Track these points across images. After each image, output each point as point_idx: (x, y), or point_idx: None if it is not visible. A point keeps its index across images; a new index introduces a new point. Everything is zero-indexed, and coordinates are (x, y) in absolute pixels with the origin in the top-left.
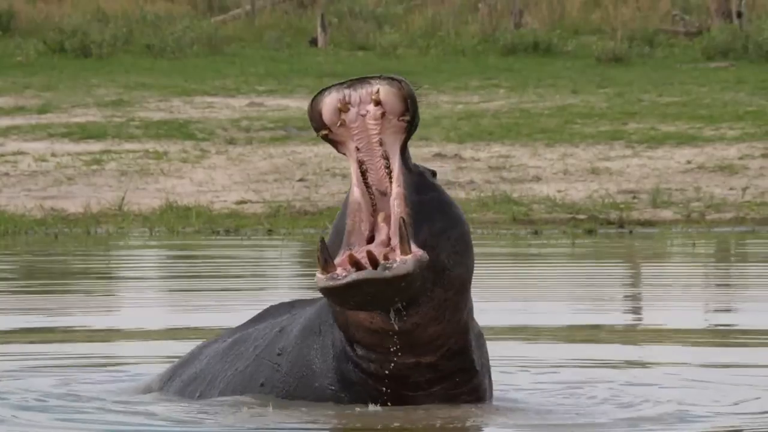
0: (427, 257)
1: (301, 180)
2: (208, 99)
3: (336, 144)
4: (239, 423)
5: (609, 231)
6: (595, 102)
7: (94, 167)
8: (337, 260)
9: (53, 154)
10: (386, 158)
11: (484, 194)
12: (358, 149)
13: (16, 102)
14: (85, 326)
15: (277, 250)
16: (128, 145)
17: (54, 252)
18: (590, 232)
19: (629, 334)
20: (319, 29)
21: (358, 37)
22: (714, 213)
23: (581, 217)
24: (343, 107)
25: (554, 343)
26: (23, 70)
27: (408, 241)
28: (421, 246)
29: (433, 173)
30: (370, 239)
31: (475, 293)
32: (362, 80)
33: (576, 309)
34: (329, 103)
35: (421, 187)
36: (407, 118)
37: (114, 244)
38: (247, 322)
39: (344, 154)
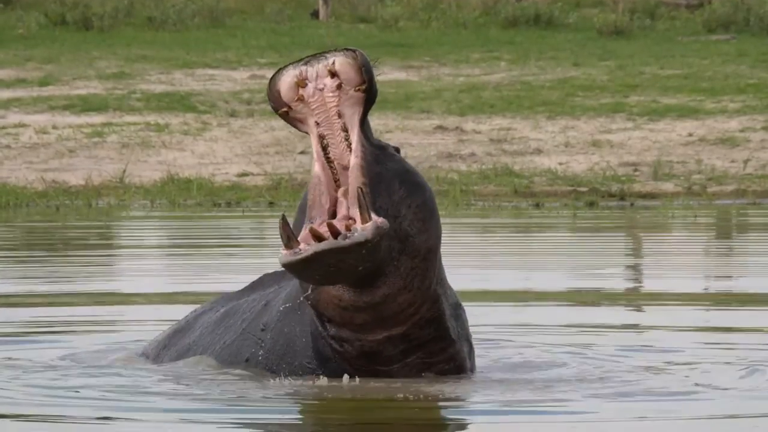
0: (387, 224)
1: (302, 152)
2: (210, 71)
3: (296, 122)
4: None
5: (610, 203)
6: (597, 75)
7: (96, 140)
8: (300, 236)
9: (54, 127)
10: (345, 130)
11: (486, 167)
12: (318, 124)
13: (17, 74)
14: (87, 291)
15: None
16: (129, 118)
17: (55, 223)
18: (591, 204)
19: (630, 300)
20: (320, 2)
21: (359, 9)
22: (715, 185)
23: (582, 189)
24: (301, 83)
25: (555, 307)
26: (24, 42)
27: (367, 209)
28: (383, 215)
29: (396, 149)
30: (332, 214)
31: (477, 263)
32: (318, 55)
33: (576, 277)
34: (286, 80)
35: (381, 158)
36: (364, 87)
37: (116, 216)
38: (241, 290)
39: (306, 132)
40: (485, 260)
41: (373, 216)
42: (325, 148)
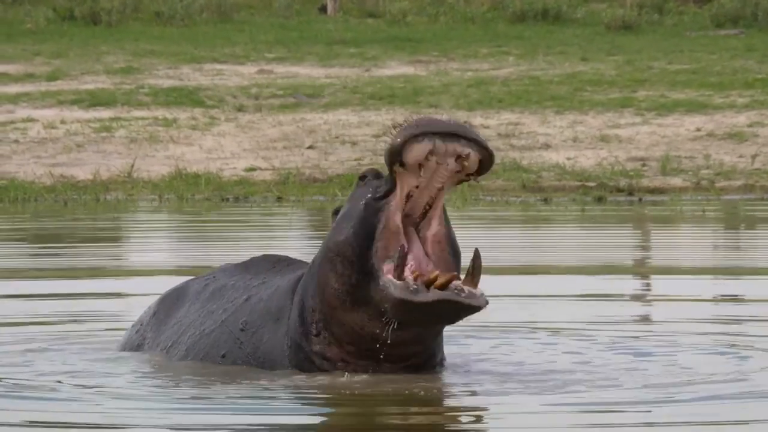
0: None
1: (310, 147)
2: (218, 66)
3: (396, 173)
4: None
5: (618, 198)
6: (605, 69)
7: (104, 134)
8: (399, 273)
9: (63, 121)
10: (432, 195)
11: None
12: (417, 187)
13: (25, 69)
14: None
15: (287, 217)
16: (138, 113)
17: (63, 218)
18: (600, 199)
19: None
20: None
21: (367, 4)
22: (723, 180)
23: (591, 184)
24: (428, 156)
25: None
26: (33, 37)
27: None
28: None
29: None
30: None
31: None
32: (454, 136)
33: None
34: (419, 151)
35: (447, 221)
36: (474, 179)
37: (123, 211)
38: (236, 266)
39: (393, 178)
40: (491, 254)
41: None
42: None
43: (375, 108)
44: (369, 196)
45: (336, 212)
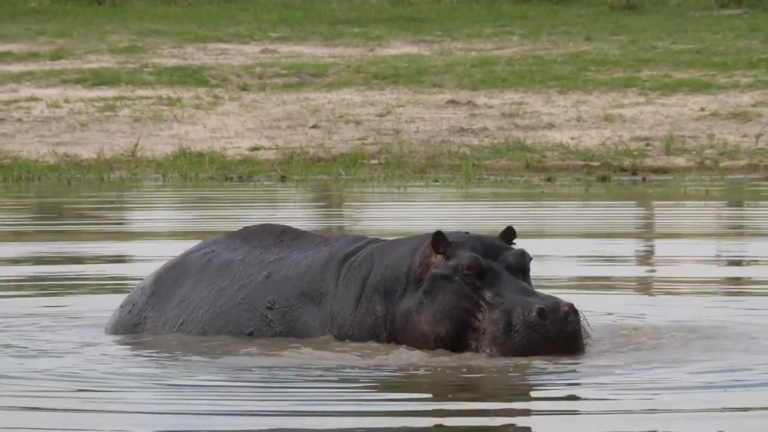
0: None
1: (314, 126)
2: (222, 45)
3: None
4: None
5: (622, 178)
6: (609, 49)
7: (108, 113)
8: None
9: (66, 101)
10: None
11: (498, 141)
12: None
13: (29, 48)
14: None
15: (291, 196)
16: (141, 92)
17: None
18: (603, 179)
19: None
20: None
21: None
22: (727, 160)
23: (594, 164)
24: None
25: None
26: (37, 16)
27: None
28: None
29: None
30: None
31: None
32: None
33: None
34: None
35: None
36: None
37: (127, 190)
38: (228, 237)
39: None
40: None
41: None
42: None
43: (379, 87)
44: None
45: None
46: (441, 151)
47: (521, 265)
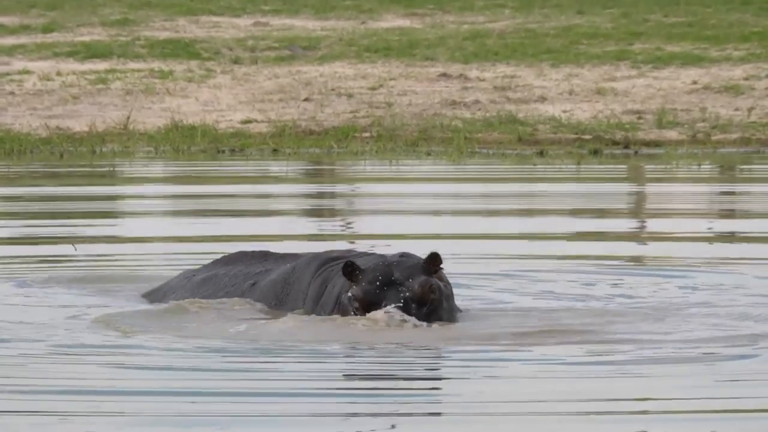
0: None
1: (306, 99)
2: (214, 18)
3: None
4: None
5: (614, 151)
6: (601, 22)
7: (100, 86)
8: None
9: (58, 73)
10: None
11: (490, 114)
12: None
13: (21, 21)
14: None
15: (283, 169)
16: (133, 65)
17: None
18: (595, 152)
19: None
20: None
21: None
22: (719, 133)
23: (586, 137)
24: None
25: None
26: None
27: None
28: None
29: None
30: None
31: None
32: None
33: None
34: None
35: None
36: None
37: (119, 162)
38: (214, 262)
39: None
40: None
41: None
42: None
43: (371, 60)
44: None
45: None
46: (433, 124)
47: (422, 299)
